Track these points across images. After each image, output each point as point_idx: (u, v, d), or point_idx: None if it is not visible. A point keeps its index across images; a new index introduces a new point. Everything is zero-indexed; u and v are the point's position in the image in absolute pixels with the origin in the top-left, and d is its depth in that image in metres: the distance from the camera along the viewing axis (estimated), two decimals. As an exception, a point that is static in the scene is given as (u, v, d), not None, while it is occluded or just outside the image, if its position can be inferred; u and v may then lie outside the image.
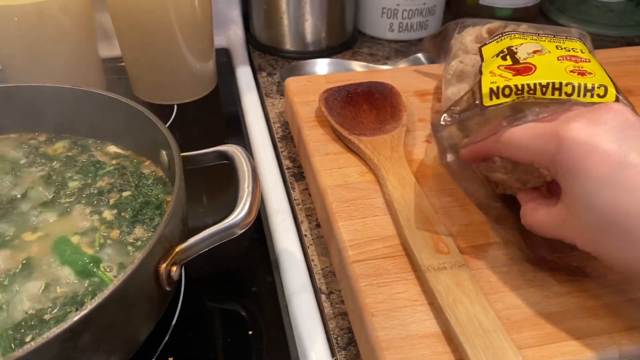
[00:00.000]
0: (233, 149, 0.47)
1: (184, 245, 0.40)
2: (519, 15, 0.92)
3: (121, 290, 0.34)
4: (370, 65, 0.78)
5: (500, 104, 0.44)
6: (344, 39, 0.88)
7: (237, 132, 0.72)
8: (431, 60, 0.76)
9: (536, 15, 0.97)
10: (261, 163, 0.63)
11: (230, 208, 0.41)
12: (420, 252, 0.43)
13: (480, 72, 0.48)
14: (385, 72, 0.71)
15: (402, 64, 0.78)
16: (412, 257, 0.44)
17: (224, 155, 0.48)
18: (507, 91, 0.44)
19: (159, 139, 0.50)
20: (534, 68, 0.44)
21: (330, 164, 0.54)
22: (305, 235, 0.54)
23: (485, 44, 0.52)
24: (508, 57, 0.47)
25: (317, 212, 0.55)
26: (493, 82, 0.45)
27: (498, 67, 0.46)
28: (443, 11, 0.92)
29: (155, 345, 0.45)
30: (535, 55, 0.46)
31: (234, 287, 0.50)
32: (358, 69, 0.77)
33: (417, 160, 0.55)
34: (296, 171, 0.63)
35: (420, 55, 0.78)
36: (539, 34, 0.50)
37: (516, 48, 0.48)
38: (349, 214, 0.48)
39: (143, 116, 0.50)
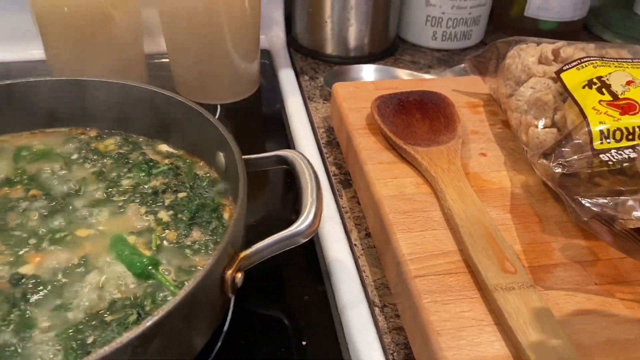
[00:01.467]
0: (294, 155, 0.46)
1: (248, 252, 0.39)
2: (563, 29, 0.90)
3: (191, 296, 0.34)
4: (415, 73, 0.77)
5: (610, 149, 0.41)
6: (386, 46, 0.87)
7: (280, 135, 0.71)
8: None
9: (580, 29, 0.95)
10: (308, 168, 0.62)
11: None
12: (486, 270, 0.42)
13: (575, 103, 0.45)
14: (434, 82, 0.70)
15: (449, 74, 0.77)
16: (476, 275, 0.42)
17: (284, 161, 0.47)
18: (618, 135, 0.42)
19: (216, 140, 0.49)
20: (638, 105, 0.42)
21: (384, 174, 0.53)
22: (355, 244, 0.53)
23: (563, 70, 0.50)
24: (604, 90, 0.45)
25: (368, 222, 0.54)
26: (601, 122, 0.42)
27: (599, 103, 0.44)
28: (487, 22, 0.91)
29: (208, 352, 0.44)
30: (630, 87, 0.44)
31: (284, 295, 0.49)
32: (404, 77, 0.76)
33: (473, 173, 0.54)
34: (343, 178, 0.62)
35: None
36: (617, 60, 0.48)
37: (607, 79, 0.46)
38: (407, 226, 0.47)
39: (201, 116, 0.49)
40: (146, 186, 0.49)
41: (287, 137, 0.70)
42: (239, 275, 0.38)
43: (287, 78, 0.78)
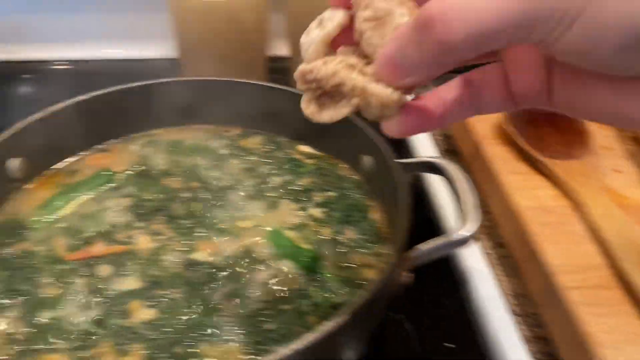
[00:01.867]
0: (443, 162, 0.47)
1: (417, 253, 0.40)
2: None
3: (376, 294, 0.35)
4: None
5: None
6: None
7: (397, 141, 0.72)
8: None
9: None
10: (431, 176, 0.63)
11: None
12: (645, 288, 0.42)
13: None
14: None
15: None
16: (632, 292, 0.43)
17: (433, 167, 0.48)
18: None
19: (362, 144, 0.51)
20: None
21: (521, 184, 0.54)
22: (488, 252, 0.54)
23: None
24: None
25: (503, 232, 0.55)
26: None
27: None
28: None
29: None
30: None
31: (422, 299, 0.51)
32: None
33: (610, 189, 0.54)
34: (465, 186, 0.63)
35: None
36: None
37: None
38: (553, 238, 0.48)
39: (347, 121, 0.51)
40: (296, 184, 0.52)
41: (405, 144, 0.71)
42: (407, 275, 0.40)
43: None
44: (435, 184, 0.59)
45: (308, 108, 0.27)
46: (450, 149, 0.69)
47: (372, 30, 0.25)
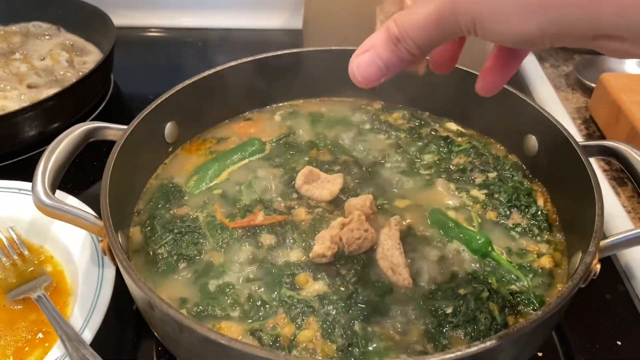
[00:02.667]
0: (625, 148, 0.43)
1: (610, 242, 0.37)
2: None
3: (574, 286, 0.33)
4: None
5: None
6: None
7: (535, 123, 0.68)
8: None
9: None
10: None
11: None
12: None
13: None
14: None
15: None
16: None
17: (610, 151, 0.44)
18: None
19: (526, 124, 0.48)
20: None
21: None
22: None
23: None
24: None
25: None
26: None
27: None
28: None
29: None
30: None
31: (585, 294, 0.47)
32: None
33: None
34: (615, 175, 0.58)
35: None
36: None
37: None
38: None
39: (515, 97, 0.48)
40: (449, 163, 0.49)
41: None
42: (598, 265, 0.37)
43: (530, 65, 0.75)
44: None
45: None
46: (590, 133, 0.64)
47: None
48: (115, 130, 0.45)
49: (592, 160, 0.42)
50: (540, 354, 0.42)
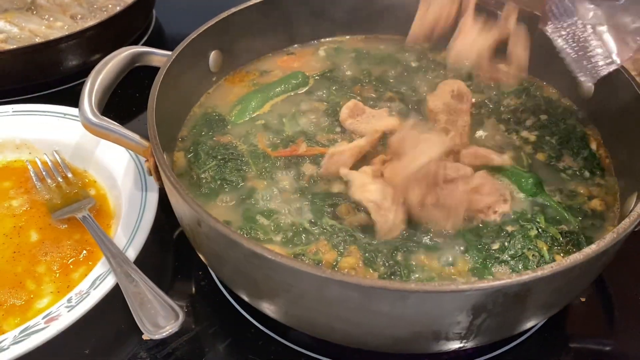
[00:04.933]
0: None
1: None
2: None
3: (630, 228, 0.32)
4: None
5: None
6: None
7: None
8: None
9: None
10: None
11: None
12: None
13: None
14: None
15: None
16: None
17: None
18: None
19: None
20: None
21: None
22: None
23: None
24: None
25: None
26: None
27: None
28: None
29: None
30: None
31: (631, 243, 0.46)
32: None
33: None
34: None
35: None
36: None
37: None
38: None
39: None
40: (499, 104, 0.47)
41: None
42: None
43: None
44: None
45: None
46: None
47: None
48: (160, 57, 0.45)
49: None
50: (582, 299, 0.42)
